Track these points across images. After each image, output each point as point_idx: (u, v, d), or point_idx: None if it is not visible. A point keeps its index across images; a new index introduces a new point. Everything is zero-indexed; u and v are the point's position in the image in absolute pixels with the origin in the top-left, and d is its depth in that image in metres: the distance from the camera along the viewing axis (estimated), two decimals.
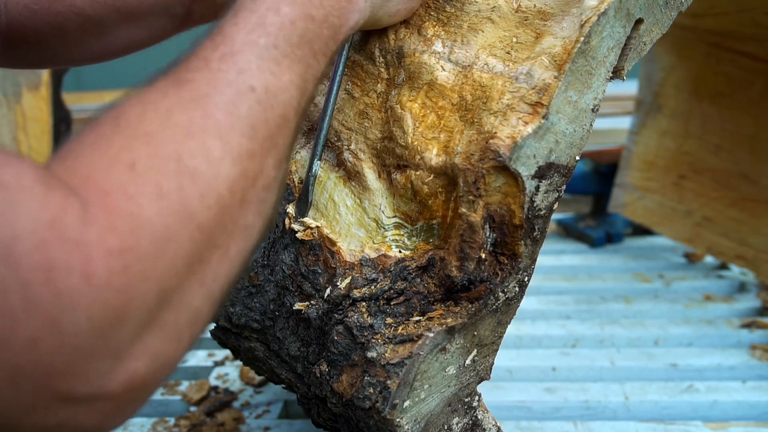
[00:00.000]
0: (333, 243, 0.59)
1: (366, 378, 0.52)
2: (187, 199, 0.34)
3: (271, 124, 0.40)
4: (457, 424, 0.59)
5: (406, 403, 0.52)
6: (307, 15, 0.44)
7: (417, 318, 0.54)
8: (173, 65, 0.39)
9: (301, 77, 0.43)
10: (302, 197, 0.60)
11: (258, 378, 1.03)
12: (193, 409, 0.97)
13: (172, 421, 0.94)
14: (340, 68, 0.59)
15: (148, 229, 0.32)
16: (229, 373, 1.06)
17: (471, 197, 0.53)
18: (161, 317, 0.33)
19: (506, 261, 0.54)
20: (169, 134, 0.35)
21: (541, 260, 1.28)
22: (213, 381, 1.03)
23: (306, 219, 0.60)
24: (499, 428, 0.62)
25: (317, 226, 0.59)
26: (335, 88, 0.59)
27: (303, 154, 0.63)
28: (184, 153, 0.34)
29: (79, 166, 0.32)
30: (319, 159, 0.59)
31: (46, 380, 0.29)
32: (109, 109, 0.36)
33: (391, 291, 0.55)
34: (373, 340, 0.53)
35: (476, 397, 0.60)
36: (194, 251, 0.34)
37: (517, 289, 0.56)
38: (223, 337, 0.71)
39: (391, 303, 0.55)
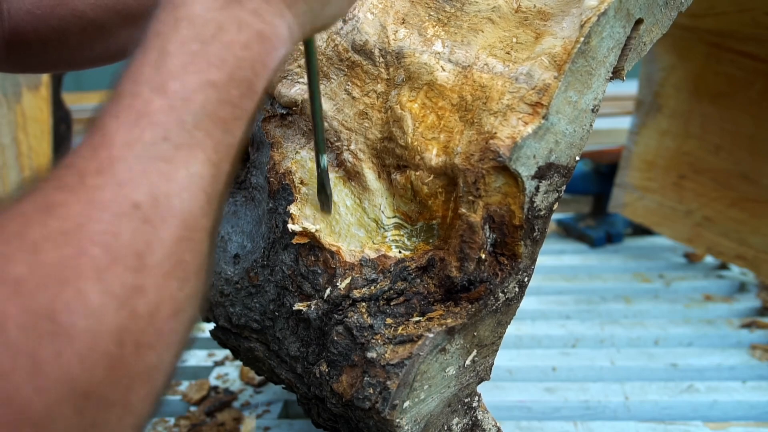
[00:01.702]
0: (330, 251, 0.59)
1: (366, 378, 0.52)
2: (65, 366, 0.29)
3: (167, 242, 0.33)
4: (456, 424, 0.59)
5: (406, 404, 0.52)
6: (204, 83, 0.36)
7: (417, 318, 0.54)
8: (45, 177, 0.33)
9: (206, 163, 0.35)
10: (322, 192, 0.59)
11: (258, 378, 1.03)
12: (193, 409, 0.97)
13: (172, 421, 0.94)
14: (313, 65, 0.54)
15: (28, 413, 0.27)
16: (229, 373, 1.06)
17: (471, 197, 0.53)
18: None
19: (506, 261, 0.54)
20: (40, 281, 0.29)
21: (541, 260, 1.28)
22: (213, 381, 1.03)
23: (306, 224, 0.59)
24: (499, 428, 0.62)
25: (316, 230, 0.59)
26: (315, 88, 0.55)
27: (303, 154, 0.63)
28: (58, 307, 0.29)
29: None
30: (323, 153, 0.58)
31: None
32: None
33: (391, 291, 0.55)
34: (373, 341, 0.53)
35: (476, 398, 0.60)
36: (85, 421, 0.30)
37: (517, 289, 0.56)
38: (223, 337, 0.71)
39: (391, 303, 0.55)
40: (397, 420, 0.52)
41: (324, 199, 0.59)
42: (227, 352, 1.08)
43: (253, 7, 0.39)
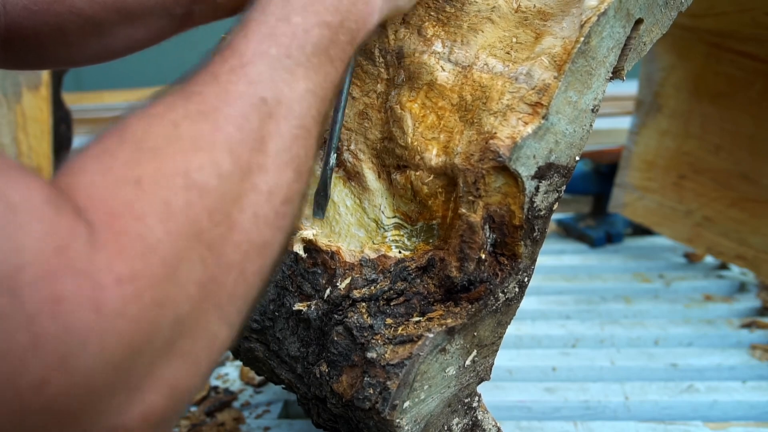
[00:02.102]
0: (329, 252, 0.58)
1: (366, 379, 0.52)
2: (195, 216, 0.32)
3: (286, 137, 0.38)
4: (457, 424, 0.59)
5: (406, 404, 0.52)
6: (321, 22, 0.42)
7: (417, 318, 0.54)
8: (181, 80, 0.38)
9: (318, 85, 0.41)
10: (320, 192, 0.58)
11: (258, 378, 1.03)
12: (193, 409, 0.97)
13: None
14: (351, 61, 0.57)
15: (158, 251, 0.30)
16: (229, 373, 1.06)
17: (471, 198, 0.53)
18: (177, 345, 0.31)
19: (506, 261, 0.54)
20: (176, 148, 0.33)
21: (541, 260, 1.28)
22: (213, 381, 1.03)
23: (304, 232, 0.59)
24: (499, 429, 0.62)
25: (314, 236, 0.59)
26: (347, 80, 0.57)
27: None
28: (191, 167, 0.33)
29: (83, 184, 0.30)
30: (335, 151, 0.58)
31: (56, 421, 0.27)
32: (115, 122, 0.35)
33: (391, 291, 0.55)
34: (373, 341, 0.53)
35: (476, 398, 0.60)
36: (207, 273, 0.32)
37: (517, 289, 0.56)
38: None
39: (391, 303, 0.55)
40: (397, 420, 0.52)
41: (321, 201, 0.58)
42: (227, 352, 1.08)
43: None
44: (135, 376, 0.29)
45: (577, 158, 0.55)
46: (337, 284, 0.57)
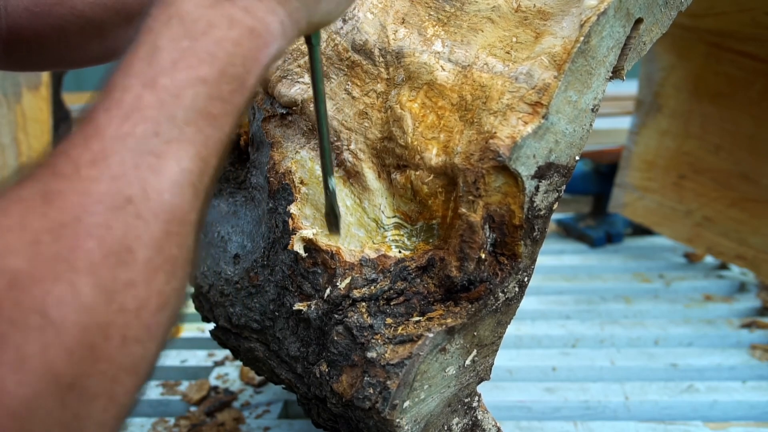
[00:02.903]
0: (329, 251, 0.59)
1: (366, 378, 0.52)
2: (51, 359, 0.29)
3: (157, 237, 0.34)
4: (456, 424, 0.59)
5: (406, 404, 0.52)
6: (194, 80, 0.36)
7: (417, 318, 0.54)
8: (40, 164, 0.33)
9: (195, 158, 0.36)
10: (330, 213, 0.58)
11: (258, 378, 1.03)
12: (193, 409, 0.97)
13: (172, 421, 0.94)
14: (319, 83, 0.54)
15: (10, 406, 0.27)
16: (229, 373, 1.06)
17: (471, 197, 0.53)
18: None
19: (506, 261, 0.54)
20: (37, 275, 0.29)
21: (541, 260, 1.28)
22: (213, 381, 1.03)
23: (304, 232, 0.59)
24: (499, 428, 0.62)
25: (314, 236, 0.59)
26: (321, 104, 0.55)
27: (303, 154, 0.63)
28: (50, 302, 0.29)
29: None
30: (331, 175, 0.57)
31: None
32: None
33: (391, 291, 0.55)
34: (373, 341, 0.53)
35: (476, 398, 0.60)
36: (68, 413, 0.30)
37: (516, 289, 0.55)
38: (223, 337, 0.71)
39: (391, 303, 0.55)
40: (397, 420, 0.52)
41: (333, 221, 0.58)
42: (227, 352, 1.08)
43: (244, 4, 0.39)
44: None
45: (577, 158, 0.55)
46: (337, 284, 0.57)
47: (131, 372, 0.33)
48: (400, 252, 0.57)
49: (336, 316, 0.56)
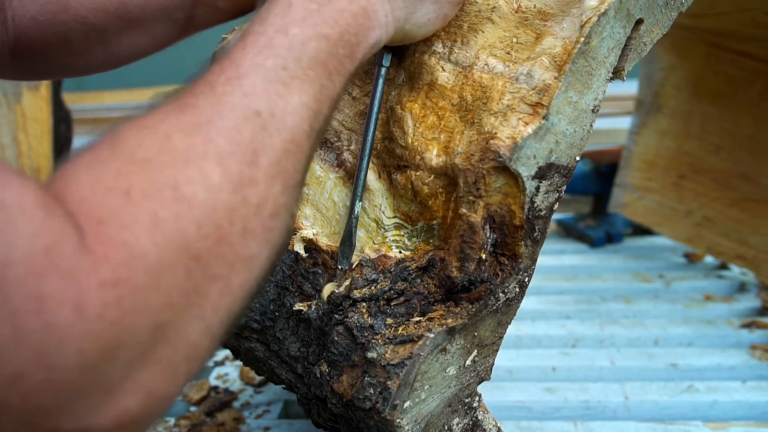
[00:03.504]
0: (329, 252, 0.58)
1: (366, 378, 0.52)
2: (183, 228, 0.32)
3: (278, 149, 0.38)
4: (457, 424, 0.59)
5: (407, 404, 0.52)
6: (319, 35, 0.42)
7: (417, 318, 0.54)
8: (179, 90, 0.38)
9: (313, 99, 0.41)
10: (345, 241, 0.57)
11: (258, 378, 1.03)
12: (193, 409, 0.97)
13: (172, 421, 0.94)
14: (376, 103, 0.57)
15: (143, 260, 0.30)
16: (229, 373, 1.06)
17: (471, 198, 0.53)
18: (156, 352, 0.32)
19: (506, 261, 0.54)
20: (167, 160, 0.33)
21: (541, 260, 1.27)
22: (213, 381, 1.04)
23: (304, 232, 0.59)
24: (499, 428, 0.62)
25: (314, 236, 0.59)
26: (372, 123, 0.56)
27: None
28: (181, 180, 0.33)
29: (75, 191, 0.31)
30: (361, 200, 0.57)
31: (30, 416, 0.28)
32: (109, 130, 0.35)
33: (392, 291, 0.55)
34: (374, 341, 0.53)
35: (476, 398, 0.60)
36: (191, 284, 0.33)
37: (517, 289, 0.56)
38: None
39: (392, 303, 0.55)
40: (398, 420, 0.52)
41: (346, 251, 0.57)
42: (227, 352, 1.08)
43: None
44: (111, 378, 0.30)
45: (578, 158, 0.55)
46: (338, 284, 0.57)
47: (247, 265, 0.36)
48: (400, 252, 0.57)
49: (336, 316, 0.56)
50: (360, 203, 0.57)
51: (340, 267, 0.57)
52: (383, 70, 0.57)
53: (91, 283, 0.28)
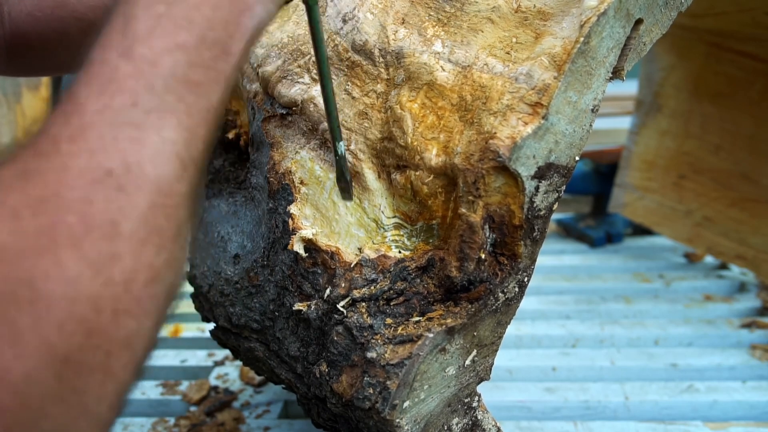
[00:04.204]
0: (328, 251, 0.59)
1: (366, 378, 0.52)
2: (45, 333, 0.29)
3: (142, 209, 0.33)
4: (456, 424, 0.59)
5: (406, 404, 0.52)
6: (171, 47, 0.35)
7: (417, 318, 0.54)
8: (24, 146, 0.33)
9: (179, 127, 0.35)
10: (341, 179, 0.57)
11: (258, 378, 1.03)
12: (193, 409, 0.97)
13: (172, 421, 0.94)
14: (319, 40, 0.51)
15: (9, 381, 0.28)
16: (229, 373, 1.06)
17: (471, 197, 0.53)
18: None
19: (506, 261, 0.54)
20: (20, 248, 0.30)
21: (541, 260, 1.28)
22: (213, 381, 1.04)
23: (303, 232, 0.59)
24: (499, 428, 0.62)
25: (314, 236, 0.59)
26: (324, 65, 0.52)
27: (303, 154, 0.63)
28: (37, 275, 0.29)
29: None
30: (340, 140, 0.56)
31: None
32: None
33: (391, 291, 0.55)
34: (373, 341, 0.53)
35: (476, 398, 0.60)
36: (65, 387, 0.30)
37: (516, 289, 0.56)
38: (223, 337, 0.71)
39: (391, 303, 0.55)
40: (397, 420, 0.52)
41: (344, 186, 0.58)
42: (227, 352, 1.08)
43: None
44: None
45: (577, 158, 0.55)
46: (337, 284, 0.57)
47: (126, 346, 0.33)
48: (400, 252, 0.57)
49: (336, 316, 0.56)
50: (341, 143, 0.56)
51: (345, 200, 0.58)
52: (315, 8, 0.50)
53: None
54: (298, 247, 0.59)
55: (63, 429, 0.31)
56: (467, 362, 0.56)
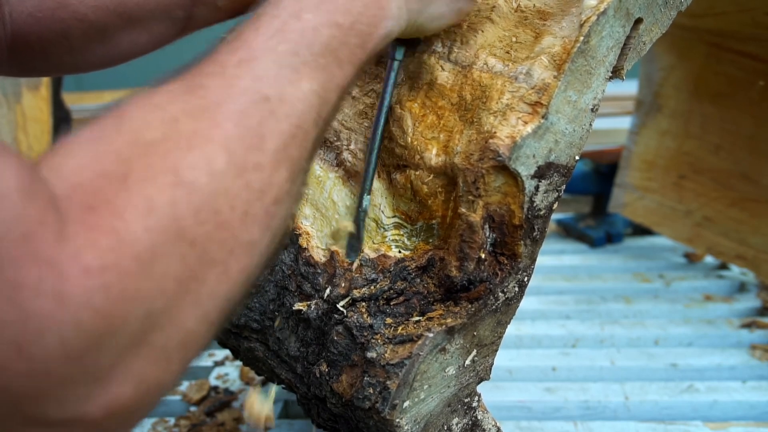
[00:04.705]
0: (328, 251, 0.58)
1: (366, 378, 0.52)
2: (179, 213, 0.31)
3: (285, 135, 0.38)
4: (456, 424, 0.59)
5: (406, 404, 0.52)
6: (332, 22, 0.42)
7: (417, 318, 0.54)
8: (189, 67, 0.38)
9: (322, 86, 0.41)
10: (354, 236, 0.58)
11: (258, 378, 1.03)
12: (193, 409, 0.97)
13: (172, 421, 0.94)
14: (387, 96, 0.56)
15: (132, 245, 0.29)
16: (229, 373, 1.06)
17: (470, 197, 0.53)
18: (148, 339, 0.31)
19: (506, 261, 0.54)
20: (172, 144, 0.33)
21: (541, 260, 1.28)
22: (213, 381, 1.03)
23: (302, 224, 0.59)
24: (499, 428, 0.62)
25: (306, 232, 0.59)
26: (383, 116, 0.56)
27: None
28: (183, 165, 0.32)
29: (71, 168, 0.30)
30: (369, 193, 0.57)
31: (15, 405, 0.27)
32: (115, 108, 0.34)
33: (391, 291, 0.55)
34: (373, 341, 0.53)
35: (476, 398, 0.60)
36: (186, 270, 0.32)
37: (516, 289, 0.55)
38: (223, 337, 0.71)
39: (391, 303, 0.55)
40: (397, 420, 0.52)
41: (354, 244, 0.57)
42: (227, 352, 1.08)
43: None
44: (99, 367, 0.29)
45: (577, 158, 0.55)
46: (337, 284, 0.57)
47: (247, 251, 0.36)
48: (399, 252, 0.57)
49: (336, 316, 0.56)
50: (368, 197, 0.57)
51: (348, 259, 0.57)
52: (396, 64, 0.57)
53: (73, 271, 0.27)
54: (317, 254, 0.58)
55: (170, 311, 0.32)
56: (467, 362, 0.56)
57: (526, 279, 0.56)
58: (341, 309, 0.56)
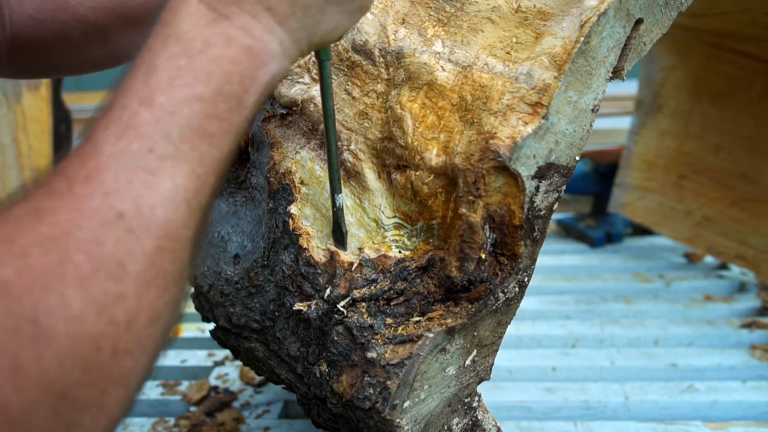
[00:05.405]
0: (328, 252, 0.59)
1: (366, 378, 0.52)
2: (44, 367, 0.30)
3: (149, 252, 0.34)
4: (457, 424, 0.59)
5: (406, 404, 0.52)
6: (191, 97, 0.37)
7: (417, 318, 0.54)
8: (38, 183, 0.34)
9: (191, 175, 0.36)
10: (336, 230, 0.58)
11: (258, 378, 1.03)
12: (193, 409, 0.97)
13: (172, 421, 0.94)
14: (328, 99, 0.54)
15: (8, 412, 0.28)
16: (229, 373, 1.06)
17: (471, 197, 0.53)
18: None
19: (506, 261, 0.54)
20: (26, 285, 0.30)
21: (541, 260, 1.28)
22: (213, 381, 1.03)
23: (303, 224, 0.59)
24: (499, 428, 0.62)
25: (306, 233, 0.59)
26: (330, 120, 0.55)
27: (303, 154, 0.63)
28: (40, 311, 0.30)
29: None
30: (339, 192, 0.57)
31: None
32: None
33: (391, 291, 0.55)
34: (373, 341, 0.53)
35: (476, 398, 0.60)
36: (60, 421, 0.31)
37: (517, 289, 0.56)
38: (223, 337, 0.71)
39: (391, 303, 0.55)
40: (397, 420, 0.52)
41: (339, 237, 0.58)
42: (227, 352, 1.08)
43: (242, 23, 0.40)
44: None
45: (577, 158, 0.55)
46: (337, 284, 0.57)
47: (121, 384, 0.34)
48: (400, 252, 0.57)
49: (336, 316, 0.56)
50: (340, 195, 0.57)
51: (339, 249, 0.58)
52: (326, 63, 0.53)
53: None
54: (318, 255, 0.59)
55: None
56: (467, 362, 0.56)
57: (526, 279, 0.56)
58: (341, 309, 0.56)
